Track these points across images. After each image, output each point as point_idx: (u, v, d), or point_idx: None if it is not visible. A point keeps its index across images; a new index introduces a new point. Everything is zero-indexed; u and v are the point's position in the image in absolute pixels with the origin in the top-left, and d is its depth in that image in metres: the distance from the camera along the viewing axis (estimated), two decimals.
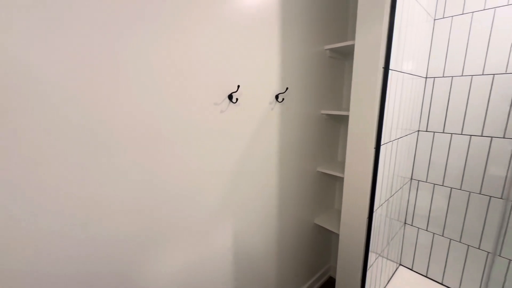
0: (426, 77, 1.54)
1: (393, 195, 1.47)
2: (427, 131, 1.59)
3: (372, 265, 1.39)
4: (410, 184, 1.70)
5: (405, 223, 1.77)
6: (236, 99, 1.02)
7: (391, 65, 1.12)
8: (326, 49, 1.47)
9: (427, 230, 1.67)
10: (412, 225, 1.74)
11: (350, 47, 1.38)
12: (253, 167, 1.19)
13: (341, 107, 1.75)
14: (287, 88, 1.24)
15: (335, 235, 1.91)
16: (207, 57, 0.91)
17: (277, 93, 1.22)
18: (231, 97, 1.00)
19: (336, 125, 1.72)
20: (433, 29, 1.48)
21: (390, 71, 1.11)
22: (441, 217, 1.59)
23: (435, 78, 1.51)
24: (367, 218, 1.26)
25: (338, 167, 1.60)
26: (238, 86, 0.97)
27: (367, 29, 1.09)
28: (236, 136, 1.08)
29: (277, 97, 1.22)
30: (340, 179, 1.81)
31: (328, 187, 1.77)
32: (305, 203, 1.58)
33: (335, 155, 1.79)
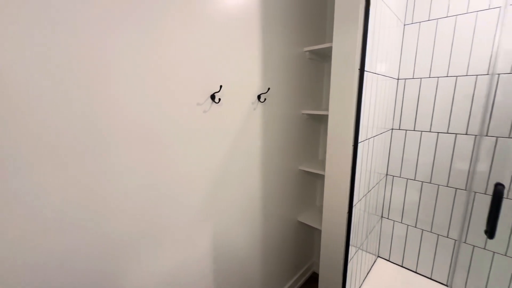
0: (398, 79, 1.64)
1: (370, 190, 1.54)
2: (400, 129, 1.69)
3: (352, 258, 1.45)
4: (386, 179, 1.80)
5: (382, 216, 1.86)
6: (219, 99, 1.02)
7: (366, 67, 1.18)
8: (306, 51, 1.52)
9: (401, 223, 1.77)
10: (388, 218, 1.83)
11: (328, 49, 1.44)
12: (236, 167, 1.19)
13: (320, 107, 1.81)
14: (268, 89, 1.26)
15: (317, 231, 1.97)
16: (188, 57, 0.90)
17: (259, 93, 1.23)
18: (213, 97, 1.00)
19: (316, 124, 1.78)
20: (403, 33, 1.58)
21: (365, 73, 1.17)
22: (414, 209, 1.70)
23: (406, 80, 1.61)
24: (347, 213, 1.31)
25: (319, 165, 1.66)
26: (220, 86, 0.98)
27: (344, 32, 1.15)
28: (220, 136, 1.08)
29: (259, 97, 1.24)
30: (321, 177, 1.87)
31: (310, 185, 1.82)
32: (288, 201, 1.61)
33: (316, 153, 1.84)
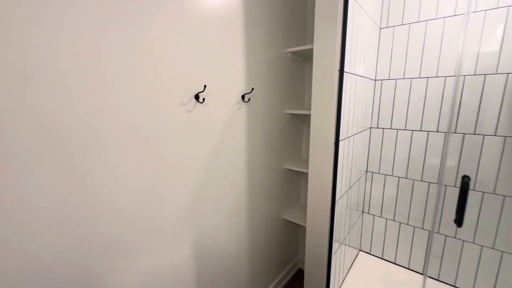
0: (375, 79, 1.73)
1: (351, 186, 1.61)
2: (378, 127, 1.77)
3: (335, 253, 1.50)
4: (366, 176, 1.88)
5: (362, 211, 1.94)
6: (203, 99, 1.02)
7: (346, 68, 1.23)
8: (288, 52, 1.55)
9: (381, 217, 1.86)
10: (368, 213, 1.92)
11: (309, 50, 1.48)
12: (222, 166, 1.20)
13: (303, 106, 1.85)
14: (252, 89, 1.28)
15: (302, 228, 2.01)
16: (171, 56, 0.90)
17: (243, 93, 1.25)
18: (197, 97, 1.00)
19: (299, 124, 1.82)
20: (379, 37, 1.67)
21: (345, 74, 1.22)
22: (392, 204, 1.79)
23: (383, 80, 1.70)
24: (330, 209, 1.36)
25: (302, 164, 1.70)
26: (204, 86, 0.98)
27: (324, 35, 1.19)
28: (204, 136, 1.08)
29: (243, 97, 1.25)
30: (305, 175, 1.92)
31: (294, 183, 1.86)
32: (273, 199, 1.64)
33: (299, 152, 1.89)
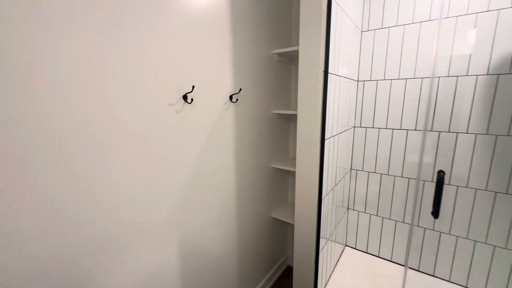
0: (358, 80, 1.80)
1: (337, 184, 1.66)
2: (361, 126, 1.84)
3: (323, 249, 1.55)
4: (350, 173, 1.95)
5: (348, 208, 2.01)
6: (192, 99, 1.02)
7: (330, 69, 1.27)
8: (274, 53, 1.58)
9: (365, 212, 1.93)
10: (353, 209, 1.99)
11: (295, 52, 1.52)
12: (210, 166, 1.20)
13: (289, 106, 1.89)
14: (240, 89, 1.29)
15: (290, 226, 2.05)
16: (159, 57, 0.89)
17: (231, 94, 1.26)
18: (186, 98, 1.00)
19: (286, 123, 1.86)
20: (361, 39, 1.74)
21: (329, 75, 1.27)
22: (375, 200, 1.87)
23: (365, 81, 1.77)
24: (317, 206, 1.40)
25: (290, 162, 1.73)
26: (193, 87, 0.98)
27: (309, 38, 1.23)
28: (193, 136, 1.08)
29: (231, 97, 1.27)
30: (292, 173, 1.96)
31: (282, 181, 1.90)
32: (262, 198, 1.66)
33: (286, 151, 1.92)
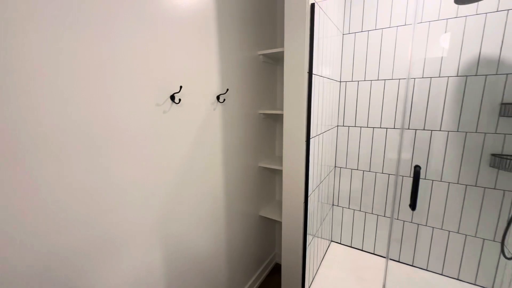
0: (340, 81, 1.87)
1: (322, 181, 1.72)
2: (344, 125, 1.92)
3: (309, 245, 1.59)
4: (334, 171, 2.02)
5: (332, 204, 2.08)
6: (179, 99, 1.02)
7: (314, 70, 1.32)
8: (259, 54, 1.61)
9: (349, 208, 2.01)
10: (338, 205, 2.06)
11: (280, 53, 1.56)
12: (198, 166, 1.21)
13: (275, 107, 1.93)
14: (227, 90, 1.30)
15: (278, 223, 2.08)
16: (146, 57, 0.89)
17: (218, 94, 1.27)
18: (173, 98, 1.00)
19: (272, 123, 1.89)
20: (342, 42, 1.81)
21: (313, 76, 1.32)
22: (358, 196, 1.95)
23: (347, 82, 1.84)
24: (304, 204, 1.44)
25: (277, 161, 1.77)
26: (180, 87, 0.98)
27: (293, 40, 1.27)
28: (181, 136, 1.08)
29: (218, 98, 1.28)
30: (279, 172, 2.00)
31: (269, 180, 1.93)
32: (250, 197, 1.68)
33: (273, 150, 1.96)
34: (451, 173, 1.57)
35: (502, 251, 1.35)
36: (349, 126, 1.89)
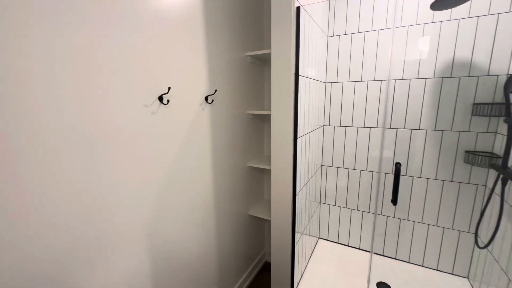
0: (326, 82, 1.92)
1: (309, 180, 1.76)
2: (329, 125, 1.97)
3: (298, 242, 1.63)
4: (321, 169, 2.07)
5: (320, 202, 2.13)
6: (168, 100, 1.02)
7: (300, 72, 1.36)
8: (247, 55, 1.63)
9: (335, 205, 2.07)
10: (325, 203, 2.11)
11: (267, 55, 1.58)
12: (187, 167, 1.21)
13: (263, 107, 1.95)
14: (215, 90, 1.31)
15: (267, 222, 2.11)
16: (134, 58, 0.89)
17: (206, 95, 1.28)
18: (161, 99, 1.00)
19: (260, 123, 1.92)
20: (327, 44, 1.86)
21: (300, 77, 1.35)
22: (344, 193, 2.01)
23: (332, 83, 1.90)
24: (292, 202, 1.48)
25: (265, 161, 1.79)
26: (169, 88, 0.99)
27: (280, 42, 1.30)
28: (169, 137, 1.08)
29: (206, 98, 1.28)
30: (268, 171, 2.02)
31: (258, 179, 1.95)
32: (239, 197, 1.70)
33: (261, 150, 1.98)
34: (430, 169, 1.66)
35: (476, 241, 1.45)
36: (334, 126, 1.95)
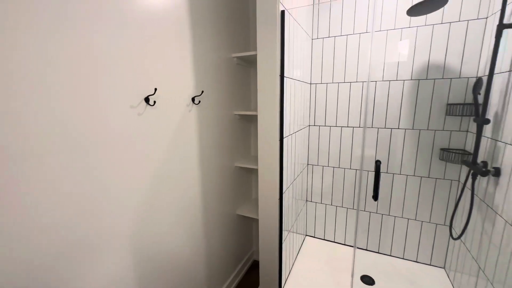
0: (311, 83, 1.97)
1: (296, 178, 1.80)
2: (315, 125, 2.03)
3: (285, 240, 1.67)
4: (307, 168, 2.12)
5: (306, 200, 2.18)
6: (154, 101, 1.02)
7: (285, 73, 1.39)
8: (233, 57, 1.65)
9: (321, 203, 2.13)
10: (311, 201, 2.17)
11: (253, 56, 1.61)
12: (174, 167, 1.21)
13: (250, 108, 1.98)
14: (202, 91, 1.32)
15: (255, 221, 2.14)
16: (119, 59, 0.88)
17: (193, 96, 1.29)
18: (148, 100, 1.00)
19: (247, 124, 1.94)
20: (312, 46, 1.92)
21: (285, 78, 1.39)
22: (329, 191, 2.07)
23: (317, 84, 1.95)
24: (279, 200, 1.51)
25: (252, 161, 1.82)
26: (155, 89, 0.99)
27: (265, 45, 1.32)
28: (156, 138, 1.08)
29: (193, 99, 1.29)
30: (255, 171, 2.05)
31: (245, 179, 1.97)
32: (227, 197, 1.71)
33: (248, 150, 2.01)
34: (409, 166, 1.75)
35: (450, 233, 1.54)
36: (319, 126, 2.01)
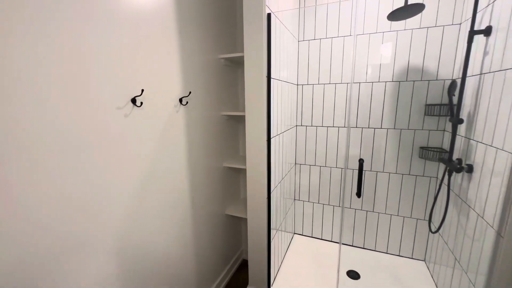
0: (297, 84, 2.02)
1: (284, 177, 1.84)
2: (302, 125, 2.07)
3: (274, 238, 1.69)
4: (295, 167, 2.17)
5: (294, 199, 2.22)
6: (141, 102, 1.02)
7: (272, 74, 1.42)
8: (221, 58, 1.66)
9: (309, 201, 2.18)
10: (299, 199, 2.21)
11: (241, 57, 1.63)
12: (162, 168, 1.21)
13: (237, 108, 1.99)
14: (190, 92, 1.33)
15: (244, 221, 2.15)
16: (105, 59, 0.88)
17: (181, 97, 1.29)
18: (134, 101, 0.99)
19: (235, 124, 1.95)
20: (298, 48, 1.96)
21: (272, 80, 1.42)
22: (316, 189, 2.13)
23: (303, 85, 2.00)
24: (267, 199, 1.53)
25: (240, 161, 1.84)
26: (142, 90, 0.98)
27: (252, 46, 1.35)
28: (144, 139, 1.08)
29: (181, 100, 1.29)
30: (243, 171, 2.07)
31: (234, 179, 1.98)
32: (215, 197, 1.72)
33: (237, 150, 2.02)
34: (391, 164, 1.83)
35: (429, 227, 1.62)
36: (306, 126, 2.05)
